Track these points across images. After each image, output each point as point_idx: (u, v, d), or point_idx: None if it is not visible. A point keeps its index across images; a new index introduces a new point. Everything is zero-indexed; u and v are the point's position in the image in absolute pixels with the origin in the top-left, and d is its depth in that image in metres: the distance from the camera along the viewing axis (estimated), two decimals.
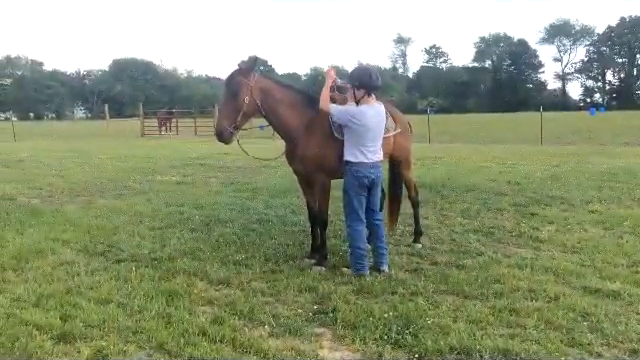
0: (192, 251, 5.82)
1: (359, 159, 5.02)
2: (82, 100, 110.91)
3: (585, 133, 27.37)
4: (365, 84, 5.03)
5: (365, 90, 5.04)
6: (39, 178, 12.07)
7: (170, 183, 11.35)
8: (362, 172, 5.02)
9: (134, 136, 31.86)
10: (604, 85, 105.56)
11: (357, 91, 5.06)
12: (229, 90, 5.16)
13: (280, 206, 8.41)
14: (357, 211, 5.09)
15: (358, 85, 5.04)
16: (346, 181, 5.11)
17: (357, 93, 5.07)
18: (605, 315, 4.00)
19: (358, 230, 5.09)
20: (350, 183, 5.07)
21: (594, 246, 5.87)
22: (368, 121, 4.98)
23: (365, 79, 5.04)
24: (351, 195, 5.09)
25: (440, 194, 9.15)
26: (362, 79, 5.04)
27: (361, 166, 5.02)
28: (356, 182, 5.05)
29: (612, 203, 8.21)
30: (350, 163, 5.04)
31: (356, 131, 4.99)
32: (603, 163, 13.15)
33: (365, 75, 5.08)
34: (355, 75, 5.14)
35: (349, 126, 5.00)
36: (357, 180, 5.04)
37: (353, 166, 5.03)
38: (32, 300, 4.42)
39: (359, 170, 5.02)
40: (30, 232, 6.71)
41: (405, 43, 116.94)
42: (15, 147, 22.62)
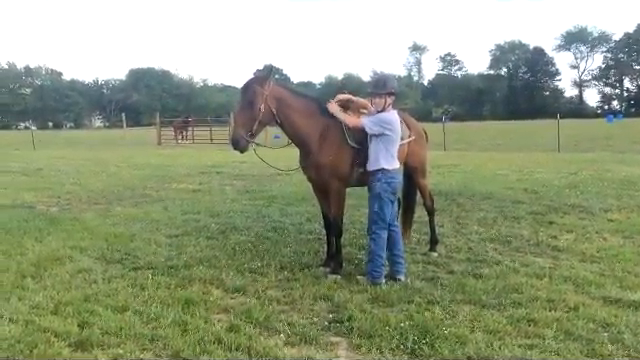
0: (208, 259, 5.84)
1: (393, 166, 5.09)
2: (100, 109, 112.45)
3: (603, 140, 27.02)
4: (394, 92, 5.15)
5: (393, 97, 5.15)
6: (57, 186, 12.22)
7: (186, 191, 11.41)
8: (396, 177, 5.15)
9: (151, 145, 32.15)
10: (622, 92, 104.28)
11: (387, 98, 5.12)
12: (245, 99, 5.19)
13: (295, 214, 8.41)
14: (385, 219, 5.13)
15: (390, 93, 5.13)
16: (379, 187, 5.11)
17: (387, 100, 5.13)
18: (626, 326, 3.94)
19: (383, 238, 5.12)
20: (384, 189, 5.10)
21: (614, 255, 5.78)
22: (398, 127, 5.12)
23: (393, 86, 5.17)
24: (384, 201, 5.12)
25: (456, 202, 9.09)
26: (391, 87, 5.14)
27: (395, 172, 5.12)
28: (390, 188, 5.11)
29: (632, 212, 8.09)
30: (385, 170, 5.08)
31: (389, 138, 5.06)
32: (622, 171, 12.97)
33: (392, 82, 5.23)
34: (384, 82, 5.18)
35: (384, 134, 5.04)
36: (391, 186, 5.11)
37: (388, 173, 5.08)
38: (50, 307, 4.46)
39: (394, 176, 5.11)
40: (49, 240, 6.79)
41: (420, 51, 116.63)
42: (34, 156, 22.94)
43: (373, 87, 5.21)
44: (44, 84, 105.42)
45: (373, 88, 5.20)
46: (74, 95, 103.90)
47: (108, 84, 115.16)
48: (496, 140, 30.15)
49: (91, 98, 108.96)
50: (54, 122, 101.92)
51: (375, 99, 5.17)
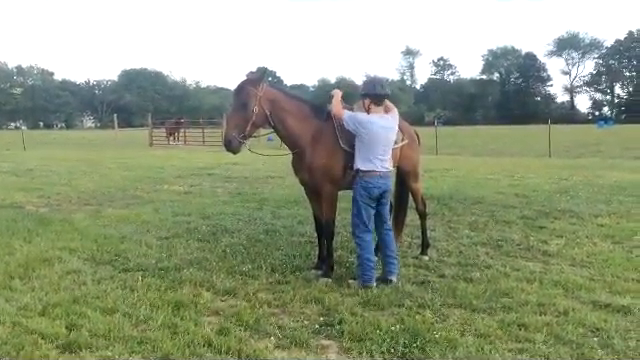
0: (199, 261, 5.82)
1: (369, 167, 5.04)
2: (91, 110, 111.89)
3: (594, 146, 27.22)
4: (369, 93, 5.15)
5: (370, 99, 5.13)
6: (48, 187, 12.13)
7: (177, 193, 11.37)
8: (372, 183, 5.04)
9: (142, 146, 32.01)
10: (613, 98, 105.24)
11: (364, 100, 5.17)
12: (238, 100, 5.18)
13: (287, 217, 8.40)
14: (365, 222, 5.09)
15: (364, 94, 5.17)
16: (356, 190, 5.11)
17: (365, 102, 5.17)
18: (615, 330, 3.96)
19: (367, 241, 5.09)
20: (360, 193, 5.07)
21: (604, 260, 5.81)
22: (376, 130, 5.02)
23: (369, 88, 5.19)
24: (360, 205, 5.08)
25: (448, 206, 9.11)
26: (366, 88, 5.20)
27: (372, 176, 5.03)
28: (365, 192, 5.05)
29: (621, 217, 8.14)
30: (361, 172, 5.05)
31: (364, 139, 5.02)
32: (612, 176, 13.07)
33: (369, 84, 5.25)
34: (362, 85, 5.36)
35: (358, 133, 5.04)
36: (367, 191, 5.05)
37: (364, 175, 5.04)
38: (38, 309, 4.41)
39: (369, 181, 5.04)
40: (38, 240, 6.73)
41: (413, 55, 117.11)
42: (25, 156, 22.77)
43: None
44: (35, 84, 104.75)
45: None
46: (65, 95, 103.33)
47: (100, 85, 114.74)
48: (488, 145, 30.29)
49: (82, 98, 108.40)
50: (45, 122, 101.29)
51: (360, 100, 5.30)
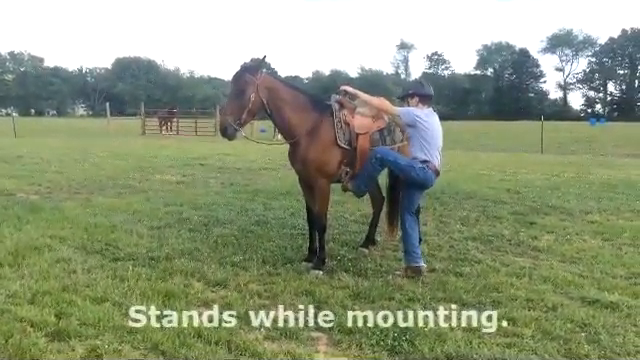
0: (190, 251, 5.80)
1: (429, 159, 5.19)
2: (84, 98, 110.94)
3: (586, 143, 27.35)
4: (418, 93, 5.40)
5: (419, 98, 5.37)
6: (38, 174, 12.04)
7: (169, 183, 11.33)
8: (430, 174, 5.20)
9: (135, 135, 31.84)
10: (605, 96, 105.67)
11: (411, 100, 5.41)
12: (236, 87, 5.15)
13: (279, 208, 8.39)
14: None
15: (412, 94, 5.42)
16: (411, 178, 5.21)
17: (410, 102, 5.41)
18: (603, 326, 3.99)
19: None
20: (416, 181, 5.23)
21: (593, 257, 5.85)
22: (436, 127, 5.29)
23: (418, 87, 5.48)
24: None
25: (439, 201, 9.12)
26: (416, 88, 5.50)
27: (430, 168, 5.19)
28: (423, 181, 5.22)
29: (611, 214, 8.20)
30: (421, 161, 5.18)
31: (424, 133, 5.19)
32: (603, 174, 13.15)
33: (418, 84, 5.59)
34: (408, 85, 5.58)
35: (416, 126, 5.18)
36: (425, 179, 5.21)
37: (425, 165, 5.16)
38: (27, 297, 4.39)
39: (428, 172, 5.17)
40: (28, 228, 6.68)
41: (408, 49, 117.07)
42: (15, 143, 22.58)
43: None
44: (27, 71, 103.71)
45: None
46: (57, 82, 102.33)
47: (93, 72, 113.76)
48: (480, 140, 30.37)
49: (75, 86, 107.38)
50: (36, 109, 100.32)
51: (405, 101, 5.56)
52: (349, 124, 5.37)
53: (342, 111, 5.41)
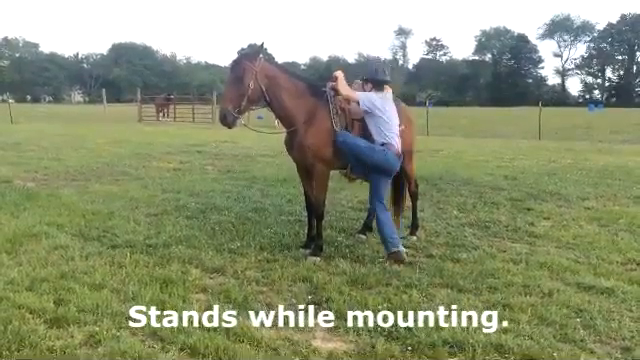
0: (187, 238, 5.81)
1: (389, 141, 5.17)
2: (80, 84, 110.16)
3: (584, 129, 27.35)
4: (371, 78, 5.34)
5: (372, 84, 5.32)
6: (35, 161, 12.01)
7: (167, 169, 11.31)
8: (393, 157, 5.19)
9: (131, 121, 31.71)
10: (604, 82, 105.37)
11: (366, 85, 5.36)
12: (234, 74, 5.12)
13: (276, 195, 8.39)
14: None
15: (366, 79, 5.38)
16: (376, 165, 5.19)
17: (365, 87, 5.36)
18: (598, 312, 4.02)
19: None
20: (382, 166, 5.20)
21: (589, 243, 5.88)
22: (390, 109, 5.25)
23: (372, 73, 5.38)
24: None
25: (437, 187, 9.15)
26: (369, 73, 5.40)
27: (392, 150, 5.18)
28: (387, 165, 5.18)
29: (608, 200, 8.23)
30: (383, 145, 5.16)
31: (379, 120, 5.17)
32: (600, 160, 13.17)
33: (371, 69, 5.44)
34: (364, 68, 5.57)
35: (373, 111, 5.16)
36: (388, 163, 5.17)
37: (386, 148, 5.15)
38: (26, 284, 4.41)
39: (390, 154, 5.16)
40: (25, 215, 6.68)
41: (406, 35, 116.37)
42: (12, 129, 22.48)
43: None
44: (23, 57, 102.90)
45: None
46: (54, 68, 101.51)
47: (89, 58, 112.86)
48: (478, 126, 30.31)
49: (71, 72, 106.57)
50: (32, 96, 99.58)
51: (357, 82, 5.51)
52: (344, 110, 5.37)
53: (337, 97, 5.40)
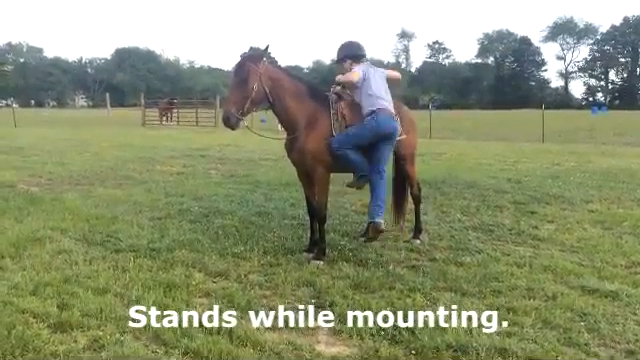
0: (191, 242, 5.81)
1: (382, 106, 5.28)
2: (84, 88, 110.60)
3: (587, 132, 27.28)
4: (349, 55, 5.55)
5: (352, 60, 5.52)
6: (39, 166, 12.05)
7: (170, 173, 11.33)
8: (385, 119, 5.28)
9: (135, 125, 31.80)
10: (607, 84, 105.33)
11: (345, 63, 5.53)
12: (238, 76, 5.13)
13: (280, 199, 8.39)
14: (350, 142, 5.28)
15: (344, 57, 5.56)
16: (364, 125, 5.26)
17: (346, 65, 5.52)
18: (603, 315, 4.00)
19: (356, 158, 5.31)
20: (370, 127, 5.26)
21: (593, 246, 5.85)
22: (371, 75, 5.37)
23: (348, 50, 5.59)
24: (361, 136, 5.28)
25: (440, 190, 9.13)
26: (346, 51, 5.59)
27: (385, 113, 5.28)
28: (376, 125, 5.25)
29: (612, 203, 8.19)
30: (374, 112, 5.25)
31: (366, 87, 5.30)
32: (604, 163, 13.12)
33: (348, 48, 5.62)
34: (340, 50, 5.63)
35: (364, 85, 5.31)
36: (378, 124, 5.24)
37: (378, 113, 5.25)
38: (29, 288, 4.41)
39: (382, 117, 5.26)
40: (29, 220, 6.70)
41: (408, 38, 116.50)
42: (16, 134, 22.56)
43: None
44: (27, 61, 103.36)
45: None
46: (57, 73, 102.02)
47: (92, 63, 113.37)
48: (481, 129, 30.30)
49: (75, 77, 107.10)
50: (36, 100, 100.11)
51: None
52: (345, 116, 5.36)
53: (339, 103, 5.41)
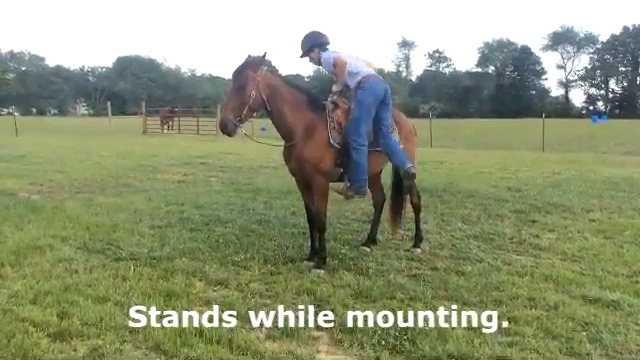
0: (191, 251, 5.80)
1: (368, 72, 5.39)
2: (85, 97, 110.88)
3: (587, 141, 27.32)
4: (316, 44, 5.53)
5: (318, 49, 5.53)
6: (40, 174, 12.05)
7: (171, 182, 11.33)
8: (376, 83, 5.37)
9: (136, 134, 31.86)
10: (607, 93, 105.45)
11: (312, 53, 5.54)
12: (236, 83, 5.14)
13: (280, 207, 8.39)
14: (364, 132, 5.32)
15: (310, 48, 5.53)
16: (361, 96, 5.32)
17: (313, 55, 5.54)
18: (604, 325, 3.98)
19: (365, 146, 5.32)
20: (366, 97, 5.32)
21: (594, 255, 5.84)
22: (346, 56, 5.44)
23: (313, 40, 5.55)
24: (365, 111, 5.30)
25: (441, 199, 9.12)
26: (312, 41, 5.55)
27: (375, 78, 5.39)
28: (372, 93, 5.33)
29: (613, 212, 8.18)
30: (362, 80, 5.33)
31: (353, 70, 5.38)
32: (604, 171, 13.11)
33: (311, 38, 5.57)
34: (304, 43, 5.58)
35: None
36: (373, 91, 5.33)
37: (367, 79, 5.34)
38: (29, 297, 4.40)
39: (374, 82, 5.35)
40: (29, 228, 6.69)
41: (409, 47, 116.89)
42: (17, 142, 22.60)
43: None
44: (28, 70, 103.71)
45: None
46: (59, 82, 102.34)
47: (94, 71, 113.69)
48: (482, 138, 30.31)
49: (76, 85, 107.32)
50: (38, 108, 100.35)
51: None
52: (341, 124, 5.36)
53: (336, 111, 5.40)
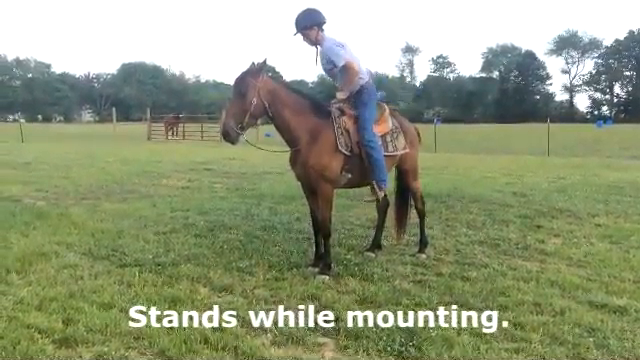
0: (196, 257, 5.80)
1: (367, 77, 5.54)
2: (90, 103, 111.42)
3: (592, 145, 27.25)
4: (316, 22, 5.39)
5: (318, 28, 5.40)
6: (45, 180, 12.09)
7: (176, 188, 11.35)
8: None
9: (141, 140, 31.96)
10: (612, 98, 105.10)
11: (312, 31, 5.36)
12: (237, 90, 5.14)
13: (285, 213, 8.39)
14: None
15: (310, 26, 5.35)
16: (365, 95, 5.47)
17: (312, 33, 5.37)
18: (611, 331, 3.96)
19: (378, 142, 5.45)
20: (370, 96, 5.51)
21: (600, 260, 5.81)
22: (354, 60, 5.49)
23: (315, 18, 5.40)
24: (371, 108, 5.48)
25: (445, 204, 9.10)
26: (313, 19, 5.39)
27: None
28: (374, 92, 5.57)
29: (619, 217, 8.14)
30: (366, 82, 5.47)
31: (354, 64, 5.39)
32: (610, 176, 13.07)
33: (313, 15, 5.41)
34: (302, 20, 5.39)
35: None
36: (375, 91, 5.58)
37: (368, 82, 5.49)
38: (35, 303, 4.40)
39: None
40: (35, 234, 6.71)
41: (413, 52, 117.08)
42: (22, 149, 22.70)
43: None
44: (34, 77, 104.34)
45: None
46: (64, 88, 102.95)
47: (99, 78, 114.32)
48: (486, 143, 30.25)
49: (81, 92, 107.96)
50: (43, 115, 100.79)
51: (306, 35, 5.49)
52: (349, 130, 5.35)
53: (342, 117, 5.40)
